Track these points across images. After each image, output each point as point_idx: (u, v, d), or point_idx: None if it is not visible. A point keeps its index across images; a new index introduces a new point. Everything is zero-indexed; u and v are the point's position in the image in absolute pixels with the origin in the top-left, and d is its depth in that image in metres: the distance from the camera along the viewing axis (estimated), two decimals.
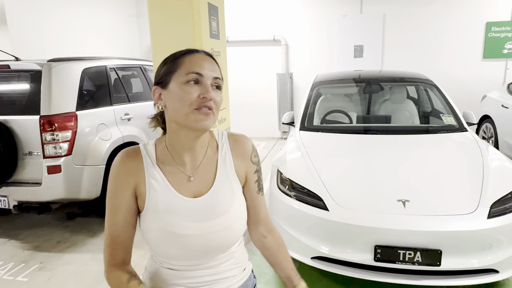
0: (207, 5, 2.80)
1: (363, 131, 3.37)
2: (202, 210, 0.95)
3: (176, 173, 0.96)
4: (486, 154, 2.69)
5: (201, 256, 0.96)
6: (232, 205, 0.98)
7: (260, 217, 1.11)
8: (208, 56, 0.95)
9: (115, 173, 0.94)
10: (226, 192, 0.99)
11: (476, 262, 2.11)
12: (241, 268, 1.06)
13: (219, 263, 0.99)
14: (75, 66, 3.54)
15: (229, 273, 1.01)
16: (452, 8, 6.85)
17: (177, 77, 0.90)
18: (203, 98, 0.88)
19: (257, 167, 1.09)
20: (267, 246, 1.12)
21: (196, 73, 0.89)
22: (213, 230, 0.95)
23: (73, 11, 6.18)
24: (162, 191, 0.94)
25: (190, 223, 0.93)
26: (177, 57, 0.93)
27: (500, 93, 5.48)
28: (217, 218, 0.95)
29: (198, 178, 0.97)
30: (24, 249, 3.27)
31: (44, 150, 3.14)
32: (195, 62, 0.91)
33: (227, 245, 0.99)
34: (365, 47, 7.20)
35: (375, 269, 2.21)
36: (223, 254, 1.00)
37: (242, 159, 1.04)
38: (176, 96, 0.89)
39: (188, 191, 0.96)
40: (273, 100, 7.74)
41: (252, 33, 7.53)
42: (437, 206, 2.22)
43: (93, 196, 3.47)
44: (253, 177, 1.07)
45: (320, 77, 4.14)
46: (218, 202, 0.97)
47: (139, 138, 4.11)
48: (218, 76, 0.93)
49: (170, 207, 0.93)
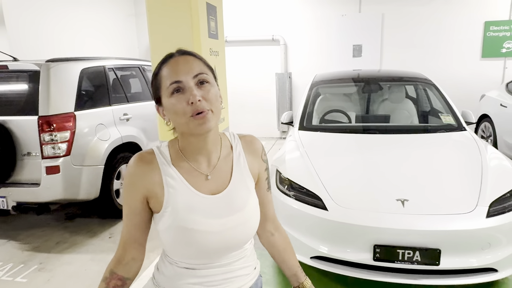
0: (206, 5, 2.80)
1: (362, 131, 3.37)
2: (221, 206, 0.96)
3: (192, 172, 0.97)
4: (484, 153, 2.70)
5: (217, 253, 0.97)
6: (248, 202, 1.00)
7: (268, 215, 1.13)
8: (182, 55, 0.94)
9: (128, 177, 0.96)
10: (242, 189, 1.01)
11: (475, 261, 2.11)
12: (252, 267, 1.07)
13: (232, 261, 1.00)
14: (73, 66, 3.53)
15: (242, 271, 1.03)
16: (451, 7, 6.85)
17: (163, 92, 0.92)
18: (192, 103, 0.88)
19: (267, 165, 1.12)
20: (274, 244, 1.15)
21: (174, 82, 0.89)
22: (232, 226, 0.96)
23: (71, 11, 6.16)
24: (180, 189, 0.95)
25: (209, 220, 0.94)
26: (157, 72, 0.95)
27: (498, 92, 5.49)
28: (235, 214, 0.97)
29: (215, 177, 0.99)
30: (23, 250, 3.27)
31: (42, 151, 3.14)
32: (171, 71, 0.91)
33: (243, 241, 1.01)
34: (364, 47, 7.20)
35: (374, 268, 2.21)
36: (237, 252, 1.01)
37: (254, 158, 1.07)
38: (170, 110, 0.92)
39: (206, 189, 0.97)
40: (272, 100, 7.74)
41: (251, 33, 7.53)
42: (436, 205, 2.23)
43: (92, 196, 3.47)
44: (263, 175, 1.10)
45: (319, 77, 4.14)
46: (235, 199, 0.98)
47: (138, 138, 4.11)
48: (199, 72, 0.91)
49: (190, 204, 0.94)
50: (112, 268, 0.98)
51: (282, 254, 1.15)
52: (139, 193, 0.95)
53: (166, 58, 0.95)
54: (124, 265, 0.98)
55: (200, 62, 0.95)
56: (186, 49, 0.97)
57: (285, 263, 1.15)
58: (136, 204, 0.96)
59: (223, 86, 4.03)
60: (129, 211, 0.97)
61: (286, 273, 1.17)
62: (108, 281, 0.96)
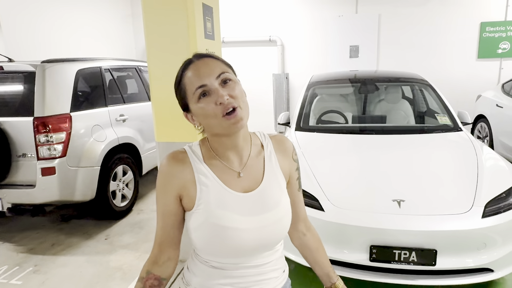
0: (202, 6, 2.79)
1: (359, 131, 3.37)
2: (254, 204, 0.96)
3: (224, 170, 0.98)
4: (480, 154, 2.70)
5: (250, 252, 0.96)
6: (281, 201, 1.00)
7: (300, 215, 1.13)
8: (201, 58, 0.95)
9: (162, 177, 0.97)
10: (275, 187, 1.01)
11: (471, 262, 2.12)
12: (281, 269, 1.07)
13: (263, 263, 1.00)
14: (69, 67, 3.52)
15: (273, 274, 1.02)
16: (447, 8, 6.88)
17: (190, 99, 0.93)
18: (220, 104, 0.89)
19: (298, 165, 1.12)
20: (307, 244, 1.15)
21: (200, 87, 0.90)
22: (265, 224, 0.96)
23: (67, 11, 6.14)
24: (213, 187, 0.95)
25: (242, 217, 0.94)
26: (179, 80, 0.96)
27: (494, 92, 5.51)
28: (268, 212, 0.97)
29: (247, 174, 0.99)
30: (18, 252, 3.25)
31: (38, 152, 3.12)
32: (193, 76, 0.92)
33: (276, 241, 1.01)
34: (361, 47, 7.22)
35: (371, 269, 2.21)
36: (269, 252, 1.01)
37: (285, 157, 1.07)
38: (200, 115, 0.93)
39: (238, 186, 0.97)
40: (269, 101, 7.74)
41: (248, 33, 7.53)
42: (432, 205, 2.23)
43: (88, 198, 3.45)
44: (295, 174, 1.10)
45: (315, 77, 4.14)
46: (268, 197, 0.98)
47: (134, 139, 4.10)
48: (221, 72, 0.92)
49: (223, 201, 0.94)
50: (148, 268, 0.98)
51: (314, 254, 1.15)
52: (173, 192, 0.96)
53: (185, 65, 0.95)
54: (160, 266, 0.98)
55: (219, 62, 0.96)
56: (202, 52, 0.98)
57: (317, 263, 1.15)
58: (170, 203, 0.96)
59: None
60: (164, 211, 0.98)
61: (319, 273, 1.16)
62: (145, 280, 0.97)
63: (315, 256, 1.15)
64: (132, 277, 2.78)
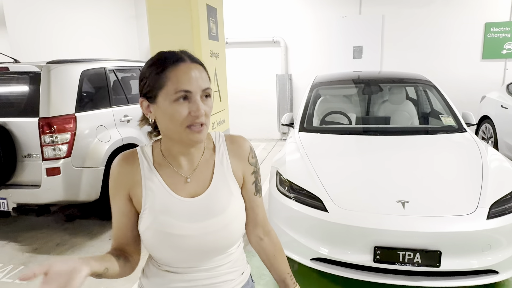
0: (206, 7, 2.80)
1: (362, 132, 3.36)
2: (198, 210, 0.94)
3: (172, 175, 0.96)
4: (485, 155, 2.69)
5: (197, 257, 0.95)
6: (229, 206, 0.98)
7: (257, 219, 1.10)
8: (194, 63, 0.91)
9: (111, 176, 0.97)
10: (223, 192, 0.98)
11: (476, 263, 2.11)
12: (239, 272, 1.05)
13: (216, 266, 0.98)
14: (74, 68, 3.53)
15: (227, 276, 1.01)
16: (451, 9, 6.85)
17: (165, 94, 0.88)
18: (194, 116, 0.87)
19: (255, 168, 1.07)
20: (264, 249, 1.12)
21: (185, 91, 0.87)
22: (209, 231, 0.94)
23: (72, 13, 6.18)
24: (158, 192, 0.94)
25: (185, 224, 0.93)
26: (163, 69, 0.88)
27: (499, 93, 5.48)
28: (213, 218, 0.95)
29: (195, 179, 0.97)
30: (23, 252, 3.27)
31: (43, 152, 3.14)
32: (182, 77, 0.87)
33: (224, 247, 0.99)
34: (364, 48, 7.20)
35: (375, 270, 2.20)
36: (221, 256, 0.99)
37: (239, 160, 1.04)
38: (166, 114, 0.88)
39: (185, 191, 0.96)
40: (272, 101, 7.74)
41: (252, 34, 7.53)
42: (437, 207, 2.22)
43: (92, 198, 3.47)
44: (250, 179, 1.06)
45: (319, 78, 4.14)
46: (214, 202, 0.96)
47: (139, 140, 4.11)
48: (207, 87, 0.91)
49: (166, 207, 0.93)
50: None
51: (271, 260, 1.12)
52: (123, 192, 0.96)
53: (175, 61, 0.89)
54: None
55: (206, 74, 0.93)
56: (190, 53, 0.95)
57: (273, 268, 1.12)
58: (122, 204, 0.96)
59: (223, 88, 4.03)
60: (116, 211, 0.98)
61: (275, 278, 1.15)
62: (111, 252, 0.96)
63: (272, 261, 1.12)
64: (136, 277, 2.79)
